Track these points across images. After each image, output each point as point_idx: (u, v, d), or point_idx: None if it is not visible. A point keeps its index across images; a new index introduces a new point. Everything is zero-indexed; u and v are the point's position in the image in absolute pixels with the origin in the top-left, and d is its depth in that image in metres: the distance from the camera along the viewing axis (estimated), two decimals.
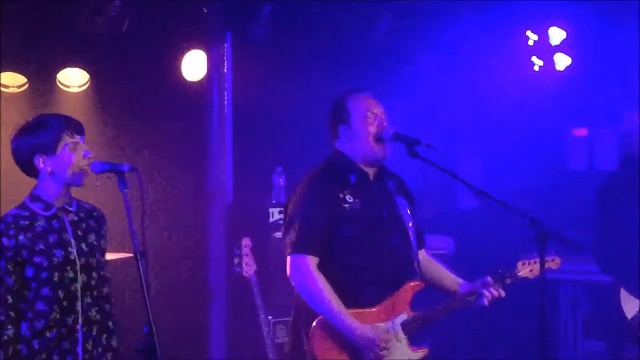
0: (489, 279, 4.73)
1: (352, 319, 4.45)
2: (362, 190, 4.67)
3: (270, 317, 6.96)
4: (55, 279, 4.13)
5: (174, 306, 7.65)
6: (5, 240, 4.10)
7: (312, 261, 4.53)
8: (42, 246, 4.13)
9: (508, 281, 4.79)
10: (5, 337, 4.07)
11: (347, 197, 4.62)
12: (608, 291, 6.53)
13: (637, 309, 6.03)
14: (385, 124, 4.69)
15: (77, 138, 4.22)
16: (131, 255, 4.01)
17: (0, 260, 4.08)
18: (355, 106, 4.73)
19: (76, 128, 4.24)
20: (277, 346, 6.86)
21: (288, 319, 4.79)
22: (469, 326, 8.32)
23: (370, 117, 4.68)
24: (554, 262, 4.83)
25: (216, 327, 7.75)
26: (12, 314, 4.09)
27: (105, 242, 4.43)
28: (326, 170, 4.74)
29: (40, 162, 4.19)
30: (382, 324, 4.54)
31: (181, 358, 7.35)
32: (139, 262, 3.93)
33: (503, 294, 4.76)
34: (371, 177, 4.75)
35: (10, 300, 4.09)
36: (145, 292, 3.90)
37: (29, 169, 4.25)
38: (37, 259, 4.11)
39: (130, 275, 6.42)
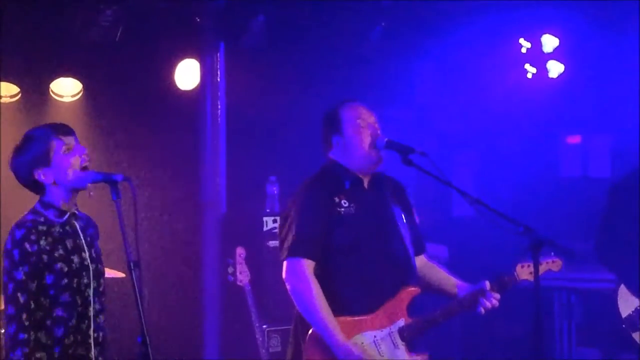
0: (487, 283, 4.70)
1: (338, 334, 4.43)
2: (357, 196, 4.67)
3: (264, 326, 6.95)
4: (74, 285, 4.12)
5: (168, 316, 7.63)
6: (27, 245, 4.07)
7: (308, 265, 4.52)
8: (61, 252, 4.12)
9: (508, 285, 4.76)
10: (32, 344, 4.06)
11: (342, 201, 4.63)
12: (602, 298, 6.54)
13: (633, 309, 6.04)
14: (378, 132, 4.69)
15: (69, 139, 4.20)
16: (124, 265, 3.99)
17: (25, 265, 4.06)
18: (347, 115, 4.73)
19: (64, 130, 4.21)
20: (271, 355, 6.85)
21: (282, 327, 4.78)
22: (463, 333, 8.32)
23: (362, 125, 4.69)
24: (555, 264, 4.76)
25: (211, 336, 7.74)
26: (33, 319, 4.08)
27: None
28: (321, 176, 4.75)
29: (40, 175, 4.18)
30: (376, 333, 4.54)
31: None
32: (133, 272, 3.92)
33: (497, 302, 4.70)
34: (366, 184, 4.76)
35: (32, 306, 4.07)
36: (139, 303, 3.88)
37: (33, 185, 4.23)
38: (57, 266, 4.09)
39: (124, 285, 6.41)
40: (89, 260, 4.21)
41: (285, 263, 4.57)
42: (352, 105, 4.78)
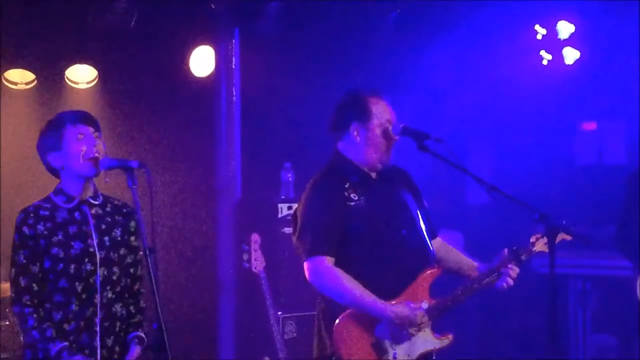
0: (505, 252, 4.69)
1: (382, 302, 4.44)
2: (366, 188, 4.66)
3: (279, 313, 6.97)
4: (72, 271, 4.14)
5: (184, 302, 7.67)
6: (25, 229, 4.13)
7: (329, 261, 4.52)
8: (60, 237, 4.16)
9: (523, 257, 4.71)
10: (32, 325, 4.09)
11: (352, 195, 4.61)
12: (617, 285, 6.51)
13: None
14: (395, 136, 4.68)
15: (84, 128, 4.22)
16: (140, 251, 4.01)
17: (24, 250, 4.12)
18: (379, 112, 4.67)
19: (81, 119, 4.25)
20: (286, 342, 6.86)
21: (297, 314, 4.77)
22: (478, 321, 8.31)
23: (388, 126, 4.66)
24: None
25: (225, 322, 7.76)
26: (36, 301, 4.13)
27: (137, 239, 4.40)
28: (328, 172, 4.73)
29: (52, 159, 4.23)
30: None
31: (191, 354, 7.37)
32: (148, 258, 3.93)
33: (516, 274, 4.69)
34: (374, 175, 4.75)
35: (35, 288, 4.13)
36: (155, 289, 3.90)
37: (50, 170, 4.30)
38: (54, 250, 4.13)
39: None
40: (95, 247, 4.21)
41: (306, 264, 4.55)
42: (383, 102, 4.71)
